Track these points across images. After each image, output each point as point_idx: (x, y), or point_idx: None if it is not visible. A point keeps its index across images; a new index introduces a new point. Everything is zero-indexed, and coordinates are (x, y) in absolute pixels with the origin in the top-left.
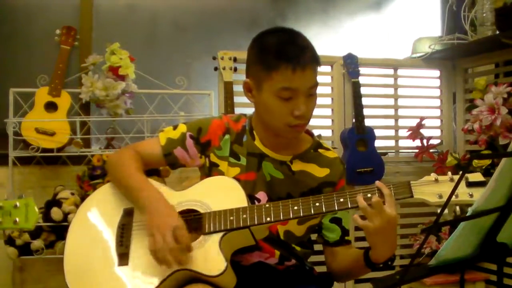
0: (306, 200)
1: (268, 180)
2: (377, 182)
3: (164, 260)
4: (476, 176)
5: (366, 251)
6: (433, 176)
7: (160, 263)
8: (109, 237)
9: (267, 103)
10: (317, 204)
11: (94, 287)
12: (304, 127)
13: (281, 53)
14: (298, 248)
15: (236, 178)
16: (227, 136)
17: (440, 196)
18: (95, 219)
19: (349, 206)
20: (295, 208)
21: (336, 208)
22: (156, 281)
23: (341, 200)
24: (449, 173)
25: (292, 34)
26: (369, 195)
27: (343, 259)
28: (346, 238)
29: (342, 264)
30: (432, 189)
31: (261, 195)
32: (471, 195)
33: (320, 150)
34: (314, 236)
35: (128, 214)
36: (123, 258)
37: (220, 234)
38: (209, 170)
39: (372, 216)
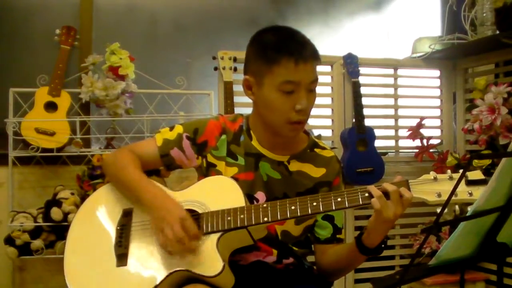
0: (303, 200)
1: (265, 180)
2: (383, 184)
3: (176, 251)
4: (476, 174)
5: (358, 238)
6: (432, 174)
7: (172, 255)
8: (109, 237)
9: (268, 98)
10: (315, 203)
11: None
12: (303, 126)
13: (282, 47)
14: (295, 249)
15: (234, 177)
16: (223, 136)
17: (439, 195)
18: (96, 219)
19: (347, 205)
20: (293, 208)
21: (334, 208)
22: (154, 281)
23: (339, 199)
24: (449, 171)
25: (291, 30)
26: (366, 194)
27: (333, 253)
28: (338, 236)
29: (332, 257)
30: (431, 188)
31: (260, 195)
32: (471, 194)
33: (316, 150)
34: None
35: (126, 215)
36: (122, 258)
37: (218, 234)
38: (207, 171)
39: (388, 205)
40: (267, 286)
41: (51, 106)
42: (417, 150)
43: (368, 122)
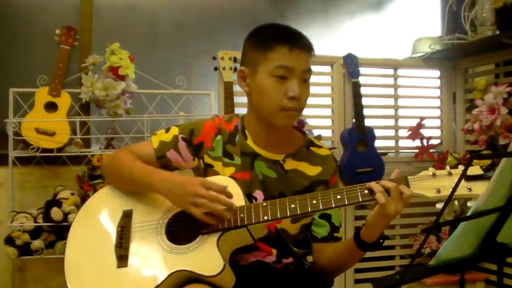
0: (303, 198)
1: (261, 179)
2: (382, 181)
3: (219, 213)
4: (475, 170)
5: (356, 233)
6: (430, 170)
7: (218, 219)
8: (109, 238)
9: (261, 85)
10: (314, 201)
11: None
12: (297, 115)
13: (278, 36)
14: (295, 249)
15: (231, 177)
16: (219, 137)
17: (439, 191)
18: (96, 220)
19: (346, 203)
20: (292, 206)
21: (333, 205)
22: (155, 282)
23: (338, 197)
24: (447, 167)
25: (287, 26)
26: (365, 191)
27: (331, 250)
28: (335, 234)
29: (330, 255)
30: (430, 184)
31: (258, 194)
32: (470, 189)
33: (312, 148)
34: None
35: (126, 216)
36: (122, 260)
37: (218, 233)
38: (204, 171)
39: (390, 201)
40: (267, 286)
41: (51, 106)
42: (417, 150)
43: (368, 122)
